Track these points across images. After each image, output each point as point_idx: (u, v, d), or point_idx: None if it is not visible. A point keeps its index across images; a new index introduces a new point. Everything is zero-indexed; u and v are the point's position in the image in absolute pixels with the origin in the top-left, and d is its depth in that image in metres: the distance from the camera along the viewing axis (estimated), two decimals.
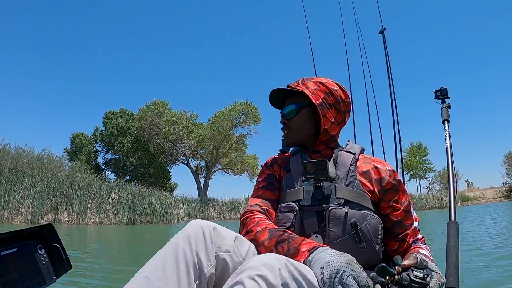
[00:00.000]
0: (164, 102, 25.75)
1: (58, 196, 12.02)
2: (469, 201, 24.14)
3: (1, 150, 14.43)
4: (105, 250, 6.45)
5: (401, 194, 1.09)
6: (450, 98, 1.74)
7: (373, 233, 0.97)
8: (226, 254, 0.82)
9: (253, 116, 24.06)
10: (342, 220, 0.95)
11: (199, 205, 21.22)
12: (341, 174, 1.05)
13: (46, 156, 17.00)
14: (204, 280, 0.78)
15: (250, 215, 1.04)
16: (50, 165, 15.79)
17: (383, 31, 2.41)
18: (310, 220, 0.99)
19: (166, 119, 24.77)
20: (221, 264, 0.81)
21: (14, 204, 10.44)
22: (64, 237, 8.23)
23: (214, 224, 0.85)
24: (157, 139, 25.19)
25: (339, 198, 1.00)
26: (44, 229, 0.84)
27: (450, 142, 1.54)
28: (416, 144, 32.83)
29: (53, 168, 15.47)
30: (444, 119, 1.67)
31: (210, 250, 0.80)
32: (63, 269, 0.84)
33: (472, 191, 28.25)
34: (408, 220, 1.09)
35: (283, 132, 1.20)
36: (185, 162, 26.50)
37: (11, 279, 0.72)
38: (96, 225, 12.19)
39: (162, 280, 0.75)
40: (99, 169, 27.79)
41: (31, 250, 0.80)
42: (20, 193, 10.83)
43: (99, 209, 12.92)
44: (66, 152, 27.32)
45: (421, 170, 32.58)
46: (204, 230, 0.82)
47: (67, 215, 11.91)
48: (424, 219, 12.09)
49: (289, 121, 1.17)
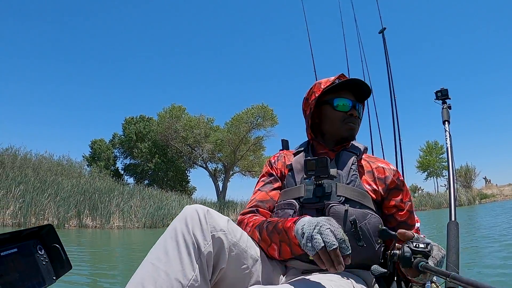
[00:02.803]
0: (181, 107, 26.10)
1: (82, 201, 12.33)
2: (487, 199, 23.65)
3: (23, 157, 14.96)
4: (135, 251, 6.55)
5: (405, 194, 1.10)
6: (451, 98, 1.73)
7: (372, 232, 0.98)
8: (221, 233, 0.86)
9: (270, 118, 24.06)
10: (342, 218, 0.96)
11: (218, 207, 21.37)
12: (342, 173, 1.06)
13: (65, 162, 17.49)
14: (203, 259, 0.81)
15: (242, 219, 1.08)
16: (70, 171, 16.25)
17: (383, 31, 2.41)
18: None
19: (183, 123, 25.10)
20: (218, 243, 0.85)
21: (40, 210, 10.76)
22: (89, 239, 8.48)
23: (207, 208, 0.89)
24: (175, 143, 25.54)
25: (340, 196, 1.01)
26: (43, 229, 0.84)
27: (450, 142, 1.54)
28: (432, 143, 32.36)
29: (73, 174, 15.92)
30: (444, 119, 1.66)
31: (206, 230, 0.84)
32: (63, 269, 0.84)
33: (490, 188, 27.68)
34: (412, 220, 1.10)
35: (349, 123, 1.16)
36: (203, 165, 26.74)
37: (11, 280, 0.73)
38: (120, 229, 12.40)
39: (166, 264, 0.79)
40: (118, 174, 28.21)
41: (31, 251, 0.80)
42: (46, 199, 11.20)
43: (122, 213, 13.19)
44: (85, 159, 27.85)
45: (438, 169, 32.06)
46: (199, 213, 0.86)
47: (91, 219, 12.27)
48: (440, 218, 11.85)
49: (357, 118, 1.17)
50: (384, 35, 2.40)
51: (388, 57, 2.35)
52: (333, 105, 1.16)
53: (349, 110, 1.15)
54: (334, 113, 1.16)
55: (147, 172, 28.72)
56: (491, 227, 7.63)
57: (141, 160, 28.39)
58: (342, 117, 1.15)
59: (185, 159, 27.38)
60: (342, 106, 1.15)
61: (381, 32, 2.42)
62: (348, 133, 1.15)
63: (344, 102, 1.15)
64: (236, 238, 0.89)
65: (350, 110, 1.15)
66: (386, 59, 2.35)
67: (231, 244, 0.87)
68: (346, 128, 1.15)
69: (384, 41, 2.38)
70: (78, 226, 11.65)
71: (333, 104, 1.16)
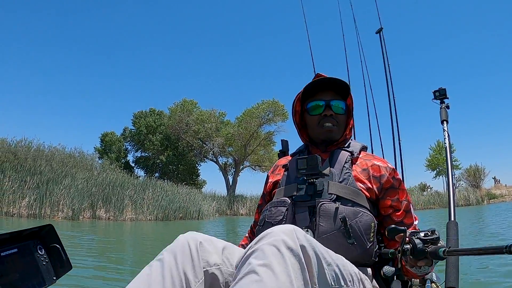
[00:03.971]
0: (192, 101, 26.29)
1: (95, 193, 12.54)
2: (495, 199, 23.46)
3: (37, 149, 15.17)
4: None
5: (401, 193, 1.09)
6: (449, 98, 1.72)
7: (364, 230, 0.97)
8: (215, 268, 0.80)
9: (281, 114, 24.05)
10: (332, 215, 0.97)
11: (228, 201, 21.50)
12: (335, 171, 1.07)
13: (77, 154, 17.66)
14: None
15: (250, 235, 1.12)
16: (82, 163, 16.44)
17: (380, 31, 2.41)
18: (302, 215, 1.02)
19: (195, 117, 25.30)
20: (210, 279, 0.80)
21: (55, 201, 10.97)
22: (104, 231, 8.64)
23: (201, 237, 0.83)
24: (186, 137, 25.77)
25: (331, 193, 1.02)
26: (44, 229, 0.84)
27: (449, 142, 1.53)
28: (442, 142, 31.63)
29: (85, 166, 16.12)
30: (443, 119, 1.66)
31: (198, 266, 0.78)
32: (63, 269, 0.84)
33: (499, 188, 27.34)
34: (409, 219, 1.09)
35: (325, 124, 1.14)
36: (214, 159, 26.93)
37: (11, 280, 0.73)
38: (132, 221, 12.56)
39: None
40: (128, 166, 28.48)
41: (31, 251, 0.80)
42: (61, 190, 11.43)
43: (135, 205, 13.39)
44: (96, 151, 28.05)
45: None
46: (191, 245, 0.80)
47: (104, 211, 12.52)
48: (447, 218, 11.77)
49: (335, 115, 1.14)
50: (382, 35, 2.40)
51: (386, 57, 2.36)
52: (308, 111, 1.17)
53: (323, 111, 1.13)
54: (310, 118, 1.17)
55: (158, 165, 28.96)
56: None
57: (152, 153, 28.62)
58: (317, 120, 1.15)
59: (196, 153, 27.57)
60: (314, 109, 1.16)
61: (378, 32, 2.43)
62: (325, 135, 1.14)
63: (316, 104, 1.15)
64: (232, 267, 0.84)
65: (324, 111, 1.13)
66: (384, 59, 2.36)
67: (228, 275, 0.82)
68: (322, 131, 1.14)
69: (381, 41, 2.39)
70: (92, 217, 11.91)
71: (308, 109, 1.18)
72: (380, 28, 2.41)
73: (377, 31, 2.43)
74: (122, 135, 30.42)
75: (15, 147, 14.53)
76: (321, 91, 1.16)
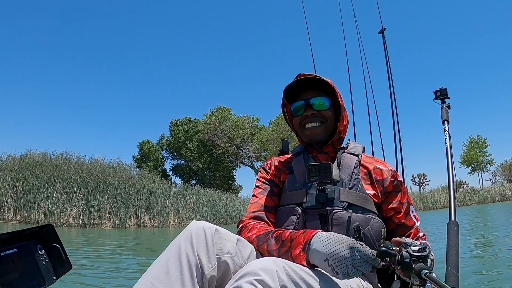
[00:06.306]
0: (226, 108, 26.82)
1: (139, 202, 13.04)
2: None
3: (77, 161, 15.90)
4: None
5: (402, 195, 1.08)
6: (450, 98, 1.73)
7: (375, 237, 0.97)
8: (228, 256, 0.81)
9: None
10: (345, 224, 0.95)
11: None
12: (345, 177, 1.04)
13: (116, 164, 18.31)
14: (205, 283, 0.77)
15: (245, 223, 1.03)
16: (122, 173, 17.00)
17: (383, 31, 2.42)
18: (313, 223, 0.99)
19: (229, 124, 25.76)
20: (223, 267, 0.80)
21: (102, 211, 11.45)
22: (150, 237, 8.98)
23: (215, 226, 0.84)
24: (222, 143, 26.28)
25: (343, 201, 0.99)
26: (44, 229, 0.84)
27: (450, 142, 1.52)
28: (475, 137, 31.48)
29: (124, 175, 16.64)
30: (444, 119, 1.65)
31: (211, 252, 0.79)
32: (63, 269, 0.84)
33: None
34: (410, 221, 1.08)
35: (307, 125, 1.10)
36: (250, 164, 27.18)
37: (11, 280, 0.72)
38: (176, 227, 12.89)
39: (166, 286, 0.75)
40: (165, 174, 29.24)
41: (31, 251, 0.80)
42: (107, 200, 11.88)
43: (178, 212, 13.79)
44: (134, 160, 29.06)
45: (482, 163, 31.09)
46: (206, 232, 0.81)
47: (148, 218, 13.02)
48: (485, 214, 11.44)
49: (318, 113, 1.10)
50: (384, 35, 2.40)
51: (388, 57, 2.36)
52: (293, 113, 1.15)
53: (304, 111, 1.10)
54: (295, 120, 1.15)
55: (194, 172, 29.52)
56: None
57: (189, 160, 29.25)
58: (299, 122, 1.13)
59: (231, 159, 27.98)
60: (297, 111, 1.12)
61: (381, 32, 2.42)
62: (308, 137, 1.11)
63: (297, 105, 1.12)
64: (244, 259, 0.84)
65: (305, 111, 1.10)
66: (386, 59, 2.36)
67: (238, 266, 0.82)
68: (306, 133, 1.12)
69: (384, 41, 2.39)
70: (137, 225, 12.46)
71: (292, 112, 1.15)
72: (383, 28, 2.43)
73: (380, 31, 2.44)
74: (159, 143, 31.30)
75: (56, 160, 15.22)
76: (304, 91, 1.13)
